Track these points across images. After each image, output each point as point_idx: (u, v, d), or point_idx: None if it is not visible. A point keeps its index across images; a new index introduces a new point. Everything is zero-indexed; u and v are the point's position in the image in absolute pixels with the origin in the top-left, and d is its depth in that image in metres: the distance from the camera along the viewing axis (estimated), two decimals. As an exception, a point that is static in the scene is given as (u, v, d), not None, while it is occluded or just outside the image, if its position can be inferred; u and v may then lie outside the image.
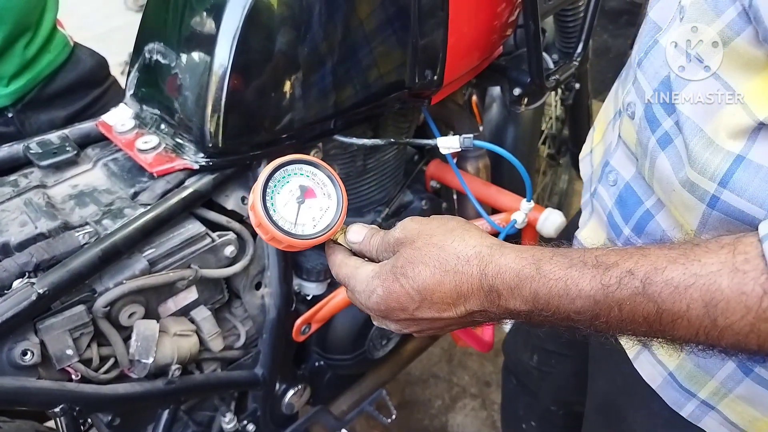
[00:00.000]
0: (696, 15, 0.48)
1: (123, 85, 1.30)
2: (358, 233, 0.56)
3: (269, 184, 0.54)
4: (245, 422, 1.08)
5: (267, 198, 0.54)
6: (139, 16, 0.96)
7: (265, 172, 0.54)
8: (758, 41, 0.44)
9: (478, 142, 0.89)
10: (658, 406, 0.65)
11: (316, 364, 1.20)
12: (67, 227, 0.80)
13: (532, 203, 1.00)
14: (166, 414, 0.92)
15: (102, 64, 1.28)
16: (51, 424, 0.94)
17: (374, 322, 0.56)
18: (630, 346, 0.67)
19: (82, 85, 1.23)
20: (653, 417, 0.66)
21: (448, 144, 0.92)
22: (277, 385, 1.11)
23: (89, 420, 0.93)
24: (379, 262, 0.53)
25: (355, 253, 0.57)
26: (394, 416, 1.34)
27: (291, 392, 1.13)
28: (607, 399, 0.77)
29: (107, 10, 3.75)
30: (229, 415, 1.03)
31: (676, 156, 0.53)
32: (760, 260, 0.38)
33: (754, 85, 0.45)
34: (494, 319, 0.49)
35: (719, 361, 0.57)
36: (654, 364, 0.65)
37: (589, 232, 0.73)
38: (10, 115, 1.13)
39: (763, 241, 0.38)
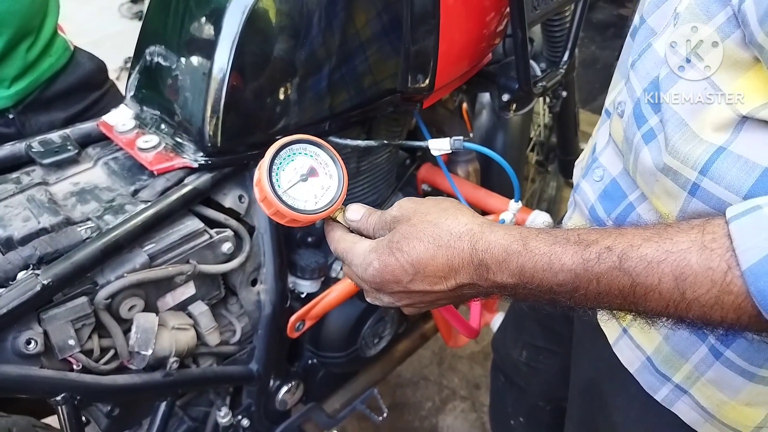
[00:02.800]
0: (689, 19, 0.52)
1: (120, 89, 1.33)
2: (357, 212, 0.59)
3: (275, 161, 0.57)
4: (240, 417, 1.10)
5: (272, 174, 0.57)
6: (134, 23, 1.00)
7: (271, 150, 0.57)
8: (745, 43, 0.47)
9: (468, 144, 0.92)
10: (635, 390, 0.68)
11: (309, 361, 1.23)
12: (69, 222, 0.83)
13: (520, 203, 1.04)
14: (163, 406, 0.94)
15: (101, 67, 1.31)
16: (48, 420, 0.96)
17: (368, 298, 0.59)
18: (604, 319, 0.70)
19: (82, 88, 1.25)
20: (631, 401, 0.70)
21: (439, 146, 0.95)
22: (271, 382, 1.13)
23: (84, 418, 0.95)
24: (376, 239, 0.56)
25: (352, 231, 0.60)
26: (385, 414, 1.37)
27: (284, 389, 1.16)
28: (590, 382, 0.80)
29: (102, 16, 3.77)
30: (224, 409, 1.05)
31: (657, 149, 0.56)
32: (726, 239, 0.41)
33: (739, 84, 0.49)
34: (482, 293, 0.52)
35: (694, 343, 0.60)
36: (633, 348, 0.68)
37: (573, 225, 0.77)
38: (11, 116, 1.16)
39: (729, 222, 0.41)
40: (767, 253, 0.38)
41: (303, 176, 0.59)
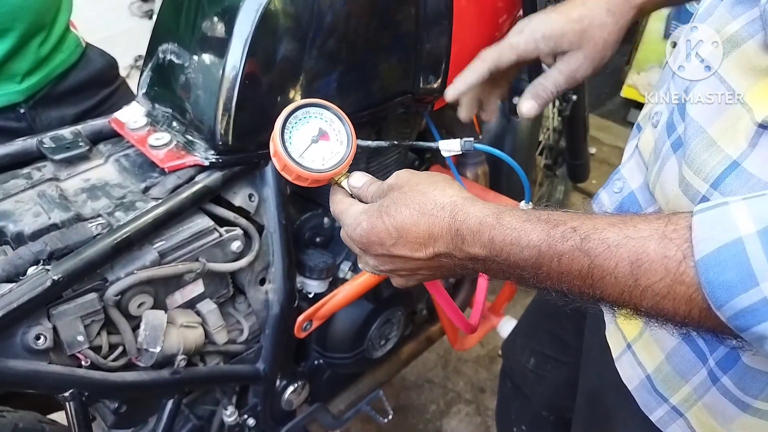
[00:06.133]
0: (716, 21, 0.51)
1: (131, 86, 1.33)
2: (359, 179, 0.62)
3: (290, 120, 0.60)
4: (246, 416, 1.10)
5: (285, 132, 0.59)
6: (143, 21, 0.99)
7: (287, 109, 0.59)
8: (766, 46, 0.47)
9: (478, 145, 0.91)
10: (637, 406, 0.67)
11: (316, 362, 1.23)
12: (79, 218, 0.83)
13: (530, 205, 1.03)
14: (169, 404, 0.94)
15: (112, 64, 1.31)
16: (53, 416, 0.96)
17: (359, 264, 0.62)
18: (611, 330, 0.69)
19: (93, 84, 1.25)
20: (632, 415, 0.69)
21: (449, 147, 0.94)
22: (278, 381, 1.13)
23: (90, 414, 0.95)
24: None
25: (353, 197, 0.62)
26: (390, 416, 1.37)
27: (290, 389, 1.15)
28: (595, 392, 0.80)
29: (112, 14, 3.78)
30: (230, 408, 1.05)
31: (681, 159, 0.55)
32: (686, 230, 0.40)
33: (757, 89, 0.48)
34: (458, 265, 0.53)
35: (695, 365, 0.59)
36: (634, 365, 0.67)
37: None
38: (22, 111, 1.16)
39: (694, 215, 0.41)
40: (721, 244, 0.38)
41: (314, 137, 0.61)
